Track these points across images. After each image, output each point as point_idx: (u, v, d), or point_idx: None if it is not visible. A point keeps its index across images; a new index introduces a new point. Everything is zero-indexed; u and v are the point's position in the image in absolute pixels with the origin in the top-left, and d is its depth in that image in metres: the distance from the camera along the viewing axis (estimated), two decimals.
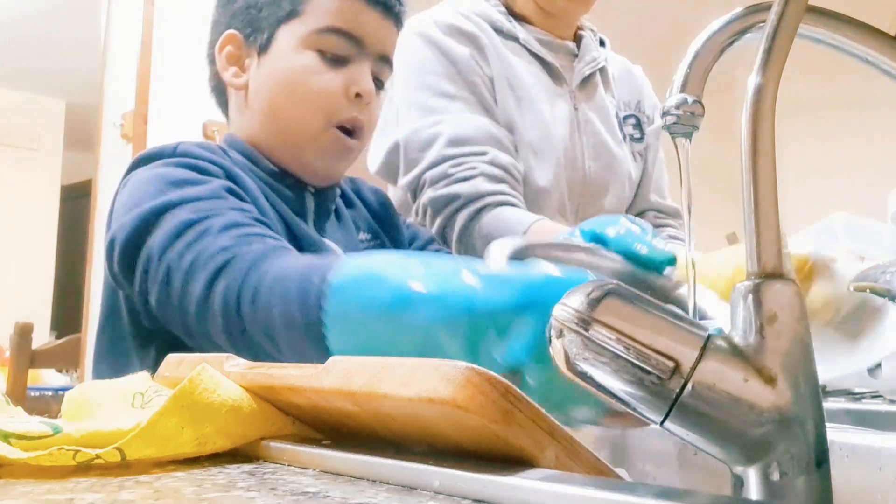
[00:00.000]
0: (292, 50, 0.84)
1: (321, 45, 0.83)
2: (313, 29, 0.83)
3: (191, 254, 0.67)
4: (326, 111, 0.84)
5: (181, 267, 0.67)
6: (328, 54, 0.84)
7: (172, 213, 0.70)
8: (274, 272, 0.62)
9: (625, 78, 1.31)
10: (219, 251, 0.66)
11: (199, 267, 0.66)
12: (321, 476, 0.35)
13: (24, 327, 1.90)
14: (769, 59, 0.35)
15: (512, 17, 1.21)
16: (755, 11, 0.50)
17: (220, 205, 0.72)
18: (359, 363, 0.35)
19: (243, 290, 0.62)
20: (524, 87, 1.16)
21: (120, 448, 0.37)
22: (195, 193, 0.72)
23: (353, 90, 0.84)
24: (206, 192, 0.73)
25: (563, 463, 0.31)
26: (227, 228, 0.68)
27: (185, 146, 0.80)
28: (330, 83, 0.83)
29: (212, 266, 0.65)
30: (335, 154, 0.86)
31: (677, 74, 0.51)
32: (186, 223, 0.69)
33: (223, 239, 0.67)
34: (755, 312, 0.32)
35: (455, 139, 1.10)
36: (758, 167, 0.33)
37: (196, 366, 0.41)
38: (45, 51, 4.70)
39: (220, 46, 0.88)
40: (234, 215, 0.70)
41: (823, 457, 0.31)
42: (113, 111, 3.02)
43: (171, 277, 0.68)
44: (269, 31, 0.85)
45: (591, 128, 1.20)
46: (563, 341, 0.32)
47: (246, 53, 0.87)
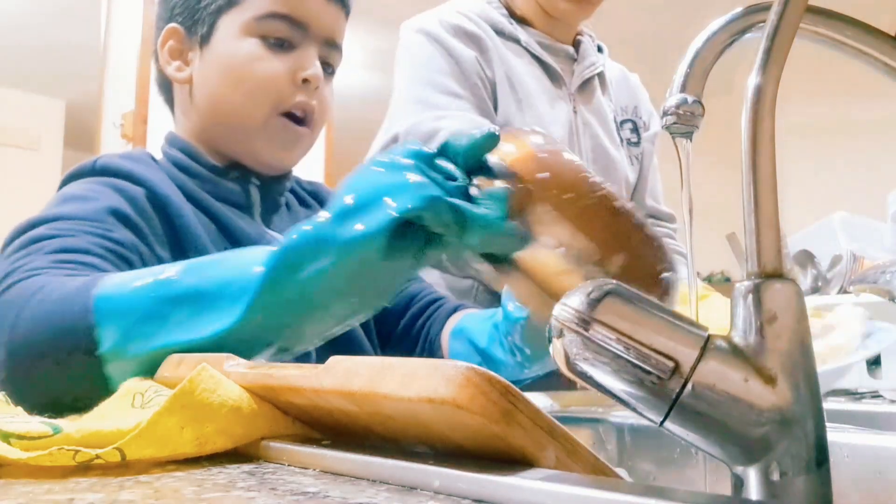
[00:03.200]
0: (234, 38, 0.82)
1: (263, 31, 0.81)
2: (254, 15, 0.81)
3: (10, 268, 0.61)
4: (272, 98, 0.81)
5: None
6: (271, 40, 0.82)
7: (37, 228, 0.67)
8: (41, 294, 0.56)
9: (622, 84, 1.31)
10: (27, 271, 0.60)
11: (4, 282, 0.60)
12: (321, 476, 0.35)
13: None
14: (769, 59, 0.35)
15: (513, 19, 1.21)
16: (755, 11, 0.50)
17: (82, 227, 0.67)
18: (359, 363, 0.35)
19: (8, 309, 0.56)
20: (525, 89, 1.16)
21: (120, 448, 0.37)
22: (71, 211, 0.69)
23: (299, 75, 0.82)
24: (82, 212, 0.69)
25: (563, 463, 0.31)
26: (58, 251, 0.63)
27: (104, 160, 0.78)
28: (275, 69, 0.81)
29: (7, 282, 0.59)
30: (285, 142, 0.84)
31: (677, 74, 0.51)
32: (34, 239, 0.65)
33: (42, 260, 0.62)
34: (755, 312, 0.32)
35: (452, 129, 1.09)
36: (758, 167, 0.33)
37: (196, 366, 0.41)
38: (45, 51, 4.70)
39: (161, 41, 0.86)
40: (82, 240, 0.66)
41: (823, 457, 0.31)
42: (113, 111, 3.03)
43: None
44: (209, 22, 0.83)
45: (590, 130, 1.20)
46: (563, 341, 0.32)
47: (188, 47, 0.85)
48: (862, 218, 1.75)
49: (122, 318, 0.54)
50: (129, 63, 3.01)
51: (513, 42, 1.19)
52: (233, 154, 0.85)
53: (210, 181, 0.83)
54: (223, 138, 0.84)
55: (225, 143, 0.85)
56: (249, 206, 0.85)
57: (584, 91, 1.23)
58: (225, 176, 0.84)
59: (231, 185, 0.84)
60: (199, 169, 0.83)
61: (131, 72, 2.99)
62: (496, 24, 1.18)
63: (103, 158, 0.79)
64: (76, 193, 0.74)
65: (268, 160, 0.85)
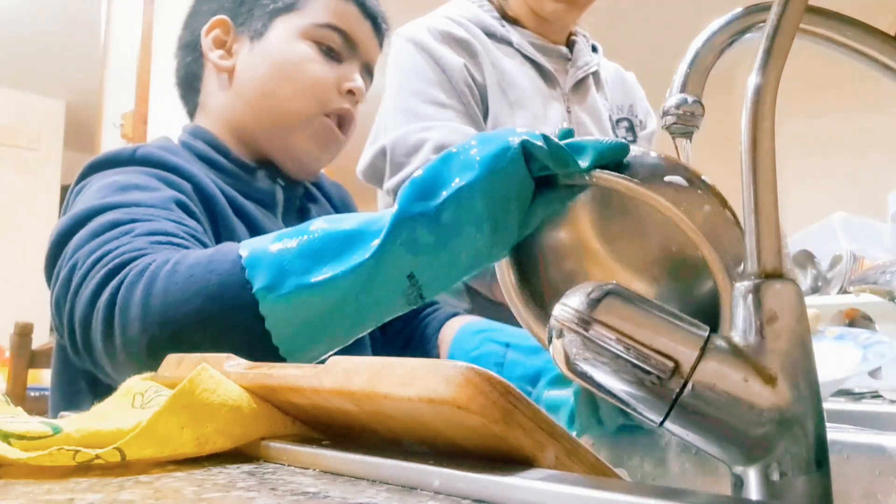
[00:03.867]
0: (289, 39, 0.86)
1: (319, 38, 0.86)
2: (313, 23, 0.86)
3: (98, 252, 0.60)
4: (319, 99, 0.85)
5: (84, 265, 0.60)
6: (324, 47, 0.86)
7: (105, 214, 0.65)
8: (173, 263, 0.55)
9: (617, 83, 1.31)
10: (126, 252, 0.58)
11: (99, 265, 0.59)
12: (321, 476, 0.35)
13: (24, 327, 1.90)
14: (769, 59, 0.35)
15: (505, 20, 1.21)
16: (755, 11, 0.50)
17: (158, 213, 0.66)
18: (359, 363, 0.35)
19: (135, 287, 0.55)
20: (518, 90, 1.16)
21: (120, 448, 0.37)
22: (138, 199, 0.67)
23: (345, 85, 0.86)
24: (150, 199, 0.68)
25: (563, 463, 0.31)
26: (150, 234, 0.62)
27: (145, 150, 0.77)
28: (325, 73, 0.86)
29: (111, 264, 0.58)
30: (324, 141, 0.87)
31: (677, 74, 0.51)
32: (112, 223, 0.63)
33: (139, 241, 0.60)
34: (755, 312, 0.32)
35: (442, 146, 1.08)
36: (758, 167, 0.33)
37: (196, 365, 0.41)
38: (45, 51, 4.70)
39: (207, 30, 0.88)
40: (166, 224, 0.64)
41: (823, 457, 0.31)
42: (113, 111, 3.03)
43: (72, 276, 0.61)
44: (263, 20, 0.87)
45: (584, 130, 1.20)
46: (563, 341, 0.32)
47: (234, 39, 0.88)
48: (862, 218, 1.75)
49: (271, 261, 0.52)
50: (129, 63, 3.01)
51: (505, 44, 1.19)
52: (267, 148, 0.86)
53: (238, 178, 0.84)
54: (260, 129, 0.86)
55: (262, 136, 0.86)
56: (274, 206, 0.87)
57: (577, 91, 1.22)
58: (252, 174, 0.85)
59: (258, 184, 0.85)
60: (226, 163, 0.84)
61: (131, 72, 2.99)
62: (487, 27, 1.18)
63: (144, 148, 0.78)
64: (131, 182, 0.71)
65: (304, 157, 0.87)
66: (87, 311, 0.57)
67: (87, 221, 0.65)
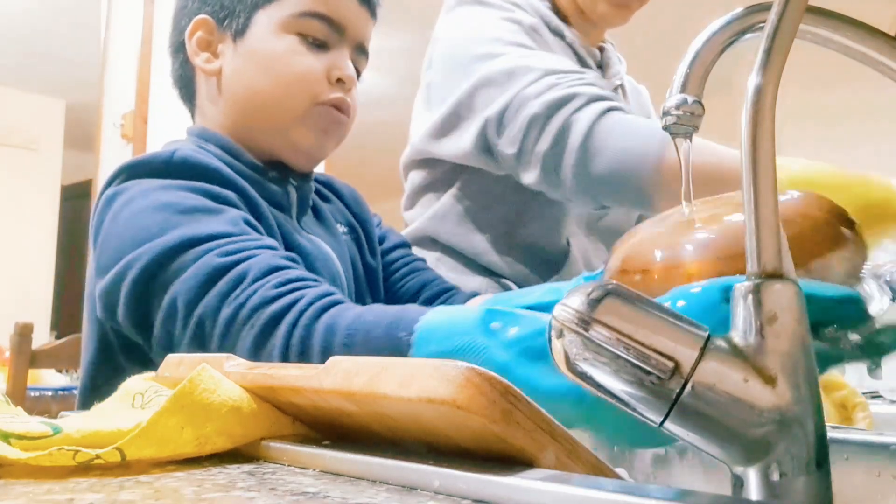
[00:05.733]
0: (272, 33, 0.82)
1: (302, 28, 0.83)
2: (294, 13, 0.82)
3: (229, 307, 0.61)
4: (309, 93, 0.82)
5: (218, 323, 0.61)
6: (309, 38, 0.83)
7: (194, 252, 0.64)
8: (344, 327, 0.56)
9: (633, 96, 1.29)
10: (263, 302, 0.59)
11: (240, 323, 0.60)
12: (321, 476, 0.35)
13: (24, 327, 1.91)
14: (769, 59, 0.35)
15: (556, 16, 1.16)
16: (755, 11, 0.50)
17: (246, 243, 0.65)
18: (359, 363, 0.35)
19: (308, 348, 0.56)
20: None
21: (120, 448, 0.37)
22: (214, 229, 0.66)
23: (334, 74, 0.83)
24: (224, 227, 0.67)
25: (563, 463, 0.31)
26: (265, 275, 0.62)
27: (181, 154, 0.75)
28: (312, 65, 0.82)
29: (259, 322, 0.59)
30: (324, 129, 0.84)
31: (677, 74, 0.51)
32: (218, 268, 0.63)
33: (265, 289, 0.60)
34: (755, 313, 0.32)
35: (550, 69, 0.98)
36: (758, 167, 0.33)
37: (196, 366, 0.41)
38: (45, 51, 4.70)
39: (190, 32, 0.85)
40: (268, 256, 0.64)
41: (823, 457, 0.31)
42: (113, 111, 3.03)
43: (206, 334, 0.61)
44: (245, 16, 0.83)
45: None
46: (563, 341, 0.32)
47: (219, 38, 0.85)
48: None
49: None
50: (129, 63, 3.01)
51: (558, 37, 1.14)
52: (269, 146, 0.84)
53: (254, 181, 0.81)
54: (259, 130, 0.84)
55: (261, 135, 0.84)
56: (289, 207, 0.85)
57: None
58: (265, 175, 0.83)
59: (272, 186, 0.83)
60: (243, 168, 0.81)
61: (131, 72, 2.99)
62: (544, 15, 1.14)
63: (180, 152, 0.75)
64: (188, 204, 0.69)
65: (306, 147, 0.84)
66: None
67: (172, 261, 0.65)
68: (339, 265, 0.85)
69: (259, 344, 0.59)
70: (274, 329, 0.59)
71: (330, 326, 0.57)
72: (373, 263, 0.94)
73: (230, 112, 0.84)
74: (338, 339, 0.56)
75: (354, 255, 0.92)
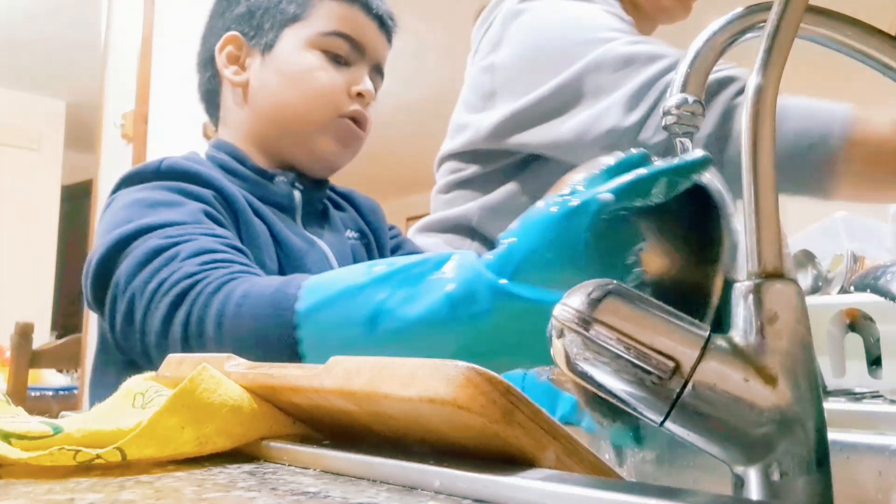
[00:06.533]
0: (298, 49, 0.89)
1: (327, 46, 0.89)
2: (320, 31, 0.89)
3: (154, 281, 0.65)
4: (331, 105, 0.88)
5: (144, 295, 0.65)
6: (332, 55, 0.89)
7: (143, 239, 0.69)
8: (239, 294, 0.60)
9: None
10: (182, 278, 0.64)
11: (160, 294, 0.64)
12: (321, 476, 0.35)
13: (24, 327, 1.91)
14: (769, 59, 0.35)
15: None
16: (755, 11, 0.50)
17: (193, 230, 0.70)
18: (360, 363, 0.35)
19: (206, 316, 0.60)
20: None
21: (120, 448, 0.37)
22: (169, 218, 0.71)
23: (354, 89, 0.89)
24: (180, 217, 0.72)
25: (564, 463, 0.31)
26: (195, 255, 0.66)
27: (169, 161, 0.81)
28: (334, 80, 0.89)
29: (173, 293, 0.63)
30: (345, 139, 0.90)
31: (677, 74, 0.51)
32: (155, 250, 0.67)
33: (188, 265, 0.65)
34: (756, 312, 0.32)
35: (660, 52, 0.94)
36: (758, 167, 0.33)
37: (197, 365, 0.41)
38: (46, 51, 4.70)
39: (220, 47, 0.91)
40: (205, 241, 0.68)
41: (824, 457, 0.31)
42: (113, 111, 3.03)
43: (134, 307, 0.66)
44: (273, 33, 0.90)
45: None
46: (563, 341, 0.32)
47: (247, 53, 0.91)
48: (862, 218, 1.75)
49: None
50: (129, 63, 3.01)
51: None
52: (288, 154, 0.89)
53: (256, 183, 0.86)
54: (282, 138, 0.89)
55: (283, 143, 0.89)
56: (292, 210, 0.89)
57: None
58: (270, 179, 0.88)
59: (275, 188, 0.88)
60: (245, 171, 0.87)
61: (132, 72, 2.99)
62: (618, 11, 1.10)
63: (168, 160, 0.81)
64: (156, 199, 0.75)
65: (325, 155, 0.89)
66: (160, 340, 0.63)
67: (126, 247, 0.70)
68: (335, 265, 0.87)
69: (170, 315, 0.62)
70: (182, 300, 0.62)
71: (227, 294, 0.60)
72: None
73: (255, 121, 0.90)
74: (231, 304, 0.59)
75: (362, 259, 0.95)
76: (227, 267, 0.65)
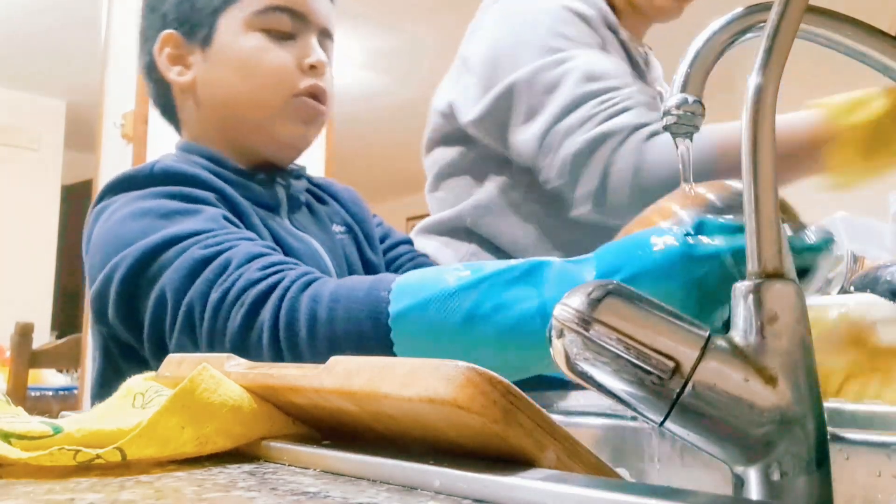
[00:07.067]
0: (237, 34, 0.84)
1: (265, 24, 0.84)
2: (255, 10, 0.84)
3: (217, 292, 0.63)
4: (284, 85, 0.84)
5: (208, 307, 0.63)
6: (273, 32, 0.84)
7: (177, 249, 0.67)
8: (328, 296, 0.59)
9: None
10: (249, 284, 0.62)
11: (228, 304, 0.62)
12: (321, 476, 0.35)
13: (24, 327, 1.91)
14: (769, 59, 0.35)
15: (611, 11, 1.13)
16: (755, 11, 0.50)
17: (228, 236, 0.68)
18: (360, 363, 0.35)
19: (296, 320, 0.59)
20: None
21: (120, 448, 0.37)
22: (195, 227, 0.69)
23: (306, 62, 0.85)
24: (205, 224, 0.69)
25: (564, 463, 0.31)
26: (249, 260, 0.64)
27: (162, 164, 0.78)
28: (282, 58, 0.84)
29: (247, 300, 0.61)
30: (305, 119, 0.85)
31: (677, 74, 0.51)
32: (200, 260, 0.65)
33: (249, 272, 0.63)
34: (756, 312, 0.32)
35: (590, 74, 0.96)
36: (758, 167, 0.33)
37: (197, 365, 0.41)
38: (46, 51, 4.70)
39: (158, 49, 0.87)
40: (248, 246, 0.66)
41: (824, 457, 0.31)
42: (113, 111, 3.02)
43: (194, 319, 0.64)
44: (208, 23, 0.85)
45: None
46: (563, 341, 0.32)
47: (188, 51, 0.86)
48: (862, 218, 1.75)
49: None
50: (129, 63, 3.00)
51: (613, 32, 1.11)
52: (253, 145, 0.86)
53: (240, 185, 0.83)
54: (241, 131, 0.85)
55: (244, 135, 0.85)
56: (277, 207, 0.86)
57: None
58: (251, 178, 0.85)
59: (259, 188, 0.85)
60: (226, 172, 0.83)
61: (132, 71, 2.98)
62: (601, 10, 1.10)
63: (160, 163, 0.78)
64: (167, 208, 0.72)
65: (289, 140, 0.86)
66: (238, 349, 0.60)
67: (154, 260, 0.67)
68: (328, 261, 0.86)
69: (249, 321, 0.61)
70: (262, 306, 0.61)
71: (314, 296, 0.60)
72: (374, 259, 0.94)
73: (212, 119, 0.86)
74: (322, 306, 0.59)
75: (352, 253, 0.93)
76: (291, 268, 0.64)
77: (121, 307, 0.69)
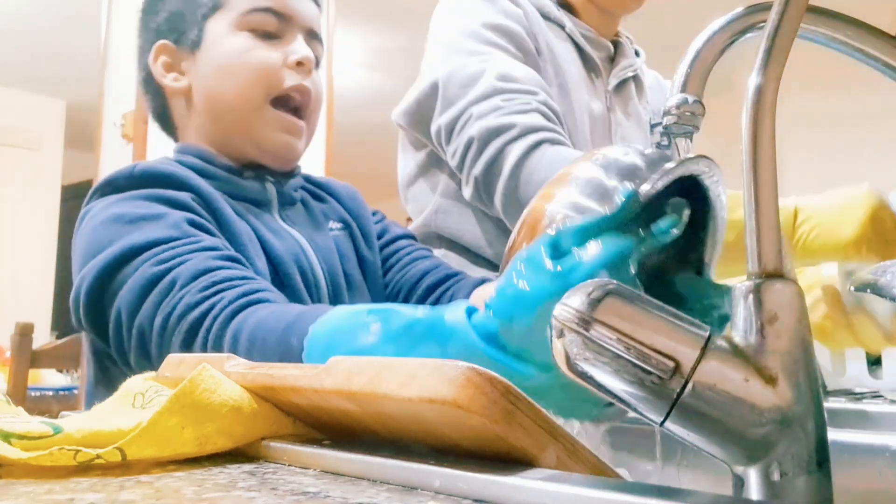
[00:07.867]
0: (224, 36, 0.86)
1: (252, 24, 0.86)
2: (240, 12, 0.86)
3: (160, 317, 0.66)
4: (270, 82, 0.85)
5: (153, 331, 0.66)
6: (259, 32, 0.86)
7: (134, 264, 0.69)
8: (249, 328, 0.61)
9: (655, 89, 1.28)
10: (186, 311, 0.65)
11: (170, 331, 0.65)
12: (322, 476, 0.35)
13: (24, 327, 1.91)
14: (769, 59, 0.35)
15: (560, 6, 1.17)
16: (755, 11, 0.50)
17: (183, 248, 0.70)
18: (360, 363, 0.35)
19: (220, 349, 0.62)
20: (567, 75, 1.12)
21: (121, 448, 0.37)
22: (154, 235, 0.71)
23: (292, 59, 0.86)
24: (165, 232, 0.71)
25: (564, 463, 0.31)
26: (194, 278, 0.67)
27: (142, 166, 0.79)
28: (268, 55, 0.85)
29: (182, 328, 0.64)
30: (285, 128, 0.86)
31: (678, 74, 0.51)
32: (151, 279, 0.68)
33: (189, 294, 0.66)
34: (756, 312, 0.32)
35: (504, 75, 1.03)
36: (758, 167, 0.33)
37: (197, 366, 0.41)
38: (46, 51, 4.70)
39: (153, 59, 0.89)
40: (199, 260, 0.68)
41: (824, 457, 0.31)
42: (113, 111, 3.02)
43: (146, 343, 0.67)
44: (197, 28, 0.87)
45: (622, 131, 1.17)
46: (563, 341, 0.32)
47: (181, 57, 0.88)
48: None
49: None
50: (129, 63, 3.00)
51: (557, 26, 1.15)
52: (242, 149, 0.87)
53: (227, 181, 0.85)
54: (230, 134, 0.86)
55: (232, 140, 0.86)
56: (267, 203, 0.87)
57: (620, 92, 1.19)
58: (240, 175, 0.86)
59: (248, 184, 0.86)
60: (216, 170, 0.85)
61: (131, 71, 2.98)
62: (542, 6, 1.14)
63: (141, 165, 0.80)
64: (135, 213, 0.73)
65: (272, 149, 0.86)
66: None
67: (115, 272, 0.70)
68: (313, 258, 0.86)
69: (187, 349, 0.64)
70: (195, 336, 0.64)
71: (235, 334, 0.62)
72: (369, 256, 0.94)
73: (203, 122, 0.87)
74: (241, 345, 0.61)
75: (347, 250, 0.93)
76: (232, 286, 0.66)
77: (89, 317, 0.72)
